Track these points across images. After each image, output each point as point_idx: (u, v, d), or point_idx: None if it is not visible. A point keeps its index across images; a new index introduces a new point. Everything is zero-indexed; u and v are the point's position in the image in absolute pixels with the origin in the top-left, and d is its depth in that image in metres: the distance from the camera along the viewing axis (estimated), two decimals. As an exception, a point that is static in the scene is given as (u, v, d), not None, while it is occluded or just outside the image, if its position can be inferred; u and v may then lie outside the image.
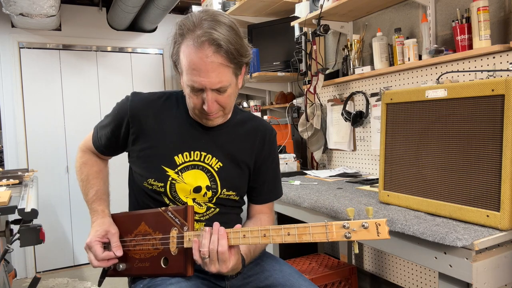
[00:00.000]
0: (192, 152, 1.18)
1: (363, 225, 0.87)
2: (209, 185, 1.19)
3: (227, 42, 1.02)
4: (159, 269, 1.10)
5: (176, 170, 1.17)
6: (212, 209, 1.20)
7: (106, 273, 1.20)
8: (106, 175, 1.33)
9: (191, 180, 1.17)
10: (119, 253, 1.14)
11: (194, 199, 1.19)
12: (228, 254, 1.00)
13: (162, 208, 1.13)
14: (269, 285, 1.14)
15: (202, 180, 1.18)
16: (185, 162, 1.18)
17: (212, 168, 1.19)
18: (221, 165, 1.20)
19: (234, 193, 1.22)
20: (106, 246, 1.16)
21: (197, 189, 1.18)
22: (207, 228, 1.02)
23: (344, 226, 0.89)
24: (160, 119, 1.19)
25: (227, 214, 1.24)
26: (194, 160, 1.18)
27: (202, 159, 1.19)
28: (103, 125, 1.26)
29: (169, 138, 1.18)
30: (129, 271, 1.16)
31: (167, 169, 1.16)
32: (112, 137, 1.23)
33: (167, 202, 1.18)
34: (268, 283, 1.14)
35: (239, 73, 1.12)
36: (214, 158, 1.19)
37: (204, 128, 1.20)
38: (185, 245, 1.06)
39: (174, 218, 1.10)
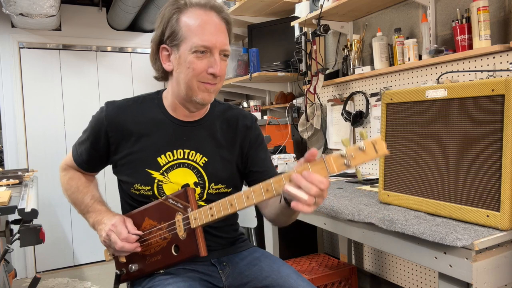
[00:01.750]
0: (175, 151, 1.17)
1: (360, 148, 0.83)
2: (197, 181, 1.18)
3: (231, 19, 1.13)
4: (172, 258, 1.08)
5: (161, 171, 1.16)
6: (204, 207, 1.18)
7: (120, 278, 1.16)
8: (96, 185, 1.31)
9: (178, 179, 1.17)
10: (138, 231, 1.11)
11: None
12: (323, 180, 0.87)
13: (162, 198, 1.13)
14: (267, 286, 1.13)
15: (189, 177, 1.18)
16: (169, 162, 1.17)
17: (198, 164, 1.18)
18: (206, 159, 1.19)
19: (223, 186, 1.21)
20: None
21: (185, 187, 1.16)
22: (287, 187, 0.88)
23: (341, 155, 0.85)
24: (138, 123, 1.18)
25: None
26: (178, 159, 1.17)
27: (186, 157, 1.18)
28: (81, 141, 1.24)
29: (149, 141, 1.17)
30: (142, 270, 1.13)
31: (151, 171, 1.15)
32: (93, 150, 1.21)
33: None
34: (266, 283, 1.13)
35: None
36: (198, 154, 1.19)
37: (185, 124, 1.20)
38: (193, 226, 1.04)
39: (176, 203, 1.08)
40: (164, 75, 1.19)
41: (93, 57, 3.93)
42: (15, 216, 1.54)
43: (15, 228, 1.58)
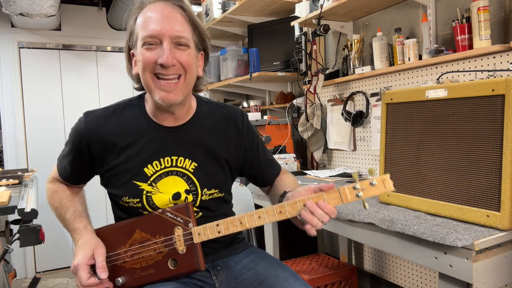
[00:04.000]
0: (161, 160, 1.11)
1: (371, 183, 0.98)
2: (188, 188, 1.13)
3: (187, 5, 1.06)
4: (167, 272, 1.05)
5: (149, 182, 1.10)
6: (195, 213, 1.13)
7: None
8: (82, 197, 1.24)
9: (167, 188, 1.11)
10: (103, 275, 1.02)
11: None
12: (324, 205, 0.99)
13: (158, 210, 1.09)
14: None
15: (180, 185, 1.12)
16: (157, 171, 1.11)
17: (187, 170, 1.13)
18: (196, 165, 1.13)
19: (216, 191, 1.16)
20: (94, 269, 1.05)
21: (176, 196, 1.12)
22: (304, 212, 0.98)
23: (354, 188, 0.99)
24: (121, 132, 1.11)
25: (212, 217, 1.16)
26: (166, 167, 1.11)
27: (174, 164, 1.12)
28: (64, 154, 1.19)
29: (134, 151, 1.11)
30: (130, 283, 1.08)
31: (139, 183, 1.10)
32: (76, 163, 1.16)
33: None
34: None
35: (200, 47, 1.11)
36: (187, 160, 1.13)
37: (170, 130, 1.13)
38: (196, 241, 1.03)
39: (175, 217, 1.05)
40: (140, 83, 1.12)
41: (93, 57, 3.93)
42: (15, 216, 1.54)
43: (15, 228, 1.58)
